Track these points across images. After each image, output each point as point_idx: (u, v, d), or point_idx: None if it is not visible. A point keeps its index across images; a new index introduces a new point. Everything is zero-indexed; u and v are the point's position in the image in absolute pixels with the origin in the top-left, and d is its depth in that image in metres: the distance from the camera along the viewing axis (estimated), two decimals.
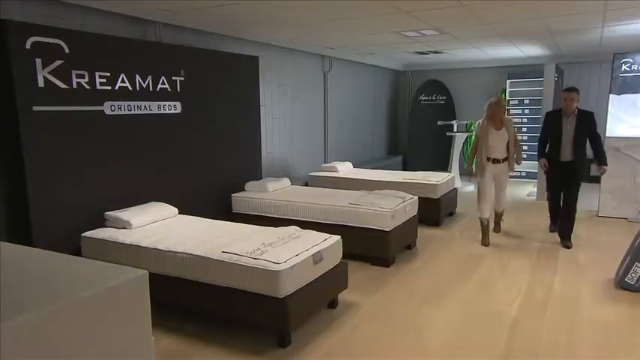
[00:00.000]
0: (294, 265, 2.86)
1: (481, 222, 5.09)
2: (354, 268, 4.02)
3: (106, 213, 3.69)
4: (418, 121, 9.98)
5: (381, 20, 4.90)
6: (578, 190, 4.90)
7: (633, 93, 6.26)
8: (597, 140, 4.85)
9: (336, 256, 3.37)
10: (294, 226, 3.60)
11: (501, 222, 5.47)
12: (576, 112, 4.80)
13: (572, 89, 4.83)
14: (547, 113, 5.24)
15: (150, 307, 1.76)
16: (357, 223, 4.38)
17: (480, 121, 4.97)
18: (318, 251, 3.13)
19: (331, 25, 5.20)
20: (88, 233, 3.56)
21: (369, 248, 4.33)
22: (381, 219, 4.28)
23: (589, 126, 4.79)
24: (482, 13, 4.64)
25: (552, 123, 4.95)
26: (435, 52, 7.85)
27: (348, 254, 3.66)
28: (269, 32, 5.51)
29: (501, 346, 2.95)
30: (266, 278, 2.80)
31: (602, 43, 6.53)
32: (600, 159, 4.83)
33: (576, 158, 4.83)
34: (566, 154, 4.84)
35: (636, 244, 3.88)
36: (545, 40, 6.57)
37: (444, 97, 9.95)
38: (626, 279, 3.81)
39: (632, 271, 3.80)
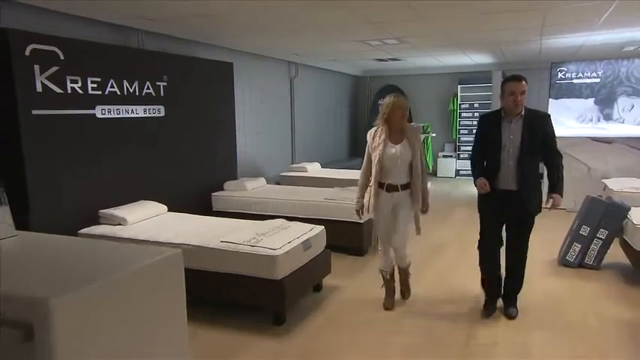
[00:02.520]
0: (288, 251, 3.22)
1: (382, 276, 3.57)
2: (332, 257, 4.40)
3: (101, 211, 3.88)
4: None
5: (348, 30, 5.33)
6: (529, 235, 3.28)
7: (568, 98, 7.07)
8: (556, 160, 3.19)
9: (322, 244, 3.74)
10: (281, 219, 3.94)
11: (409, 280, 3.69)
12: (523, 113, 3.11)
13: (521, 77, 3.10)
14: (481, 117, 3.41)
15: (184, 283, 2.05)
16: (333, 216, 4.77)
17: (373, 129, 3.40)
18: (307, 239, 3.50)
19: (302, 35, 5.58)
20: (84, 230, 3.75)
21: (345, 239, 4.73)
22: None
23: (543, 135, 3.13)
24: (439, 25, 5.18)
25: (488, 131, 3.22)
26: (394, 60, 8.42)
27: (326, 245, 4.04)
28: (241, 40, 5.82)
29: (464, 322, 3.43)
30: (264, 263, 3.13)
31: (542, 53, 7.30)
32: (556, 186, 3.18)
33: (522, 186, 3.13)
34: (508, 178, 3.14)
35: (574, 228, 4.52)
36: (492, 50, 7.27)
37: None
38: (566, 257, 4.44)
39: (571, 250, 4.43)
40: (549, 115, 3.25)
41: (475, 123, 10.35)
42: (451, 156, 10.34)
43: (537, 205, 3.21)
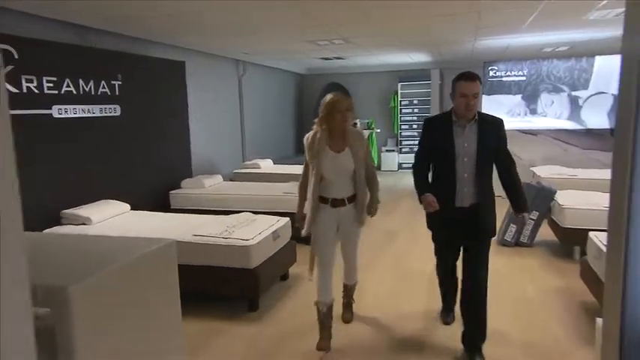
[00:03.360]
0: (260, 242, 3.40)
1: (318, 310, 2.96)
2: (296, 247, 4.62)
3: (63, 211, 3.84)
4: None
5: (299, 31, 5.55)
6: (488, 261, 2.78)
7: (499, 94, 7.73)
8: (511, 169, 2.77)
9: (288, 235, 3.95)
10: (247, 213, 4.10)
11: (353, 302, 3.36)
12: (476, 117, 2.68)
13: (474, 76, 2.65)
14: (427, 120, 2.92)
15: (177, 269, 2.19)
16: (293, 209, 4.95)
17: (310, 134, 2.89)
18: (276, 230, 3.69)
19: (254, 34, 5.72)
20: (47, 231, 3.69)
21: None
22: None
23: (498, 142, 2.72)
24: (385, 26, 5.53)
25: (437, 137, 2.75)
26: (338, 58, 8.74)
27: (291, 236, 4.25)
28: (193, 39, 5.86)
29: (423, 296, 3.79)
30: (238, 253, 3.29)
31: (475, 52, 7.92)
32: (520, 202, 2.79)
33: (481, 202, 2.70)
34: (463, 193, 2.69)
35: (510, 211, 5.04)
36: (431, 49, 7.78)
37: None
38: (505, 237, 4.95)
39: (508, 231, 4.95)
40: (502, 121, 2.78)
41: (415, 119, 11.30)
42: (394, 150, 10.86)
43: (493, 221, 2.78)
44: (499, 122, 2.77)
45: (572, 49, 7.28)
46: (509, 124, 7.71)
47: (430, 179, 2.83)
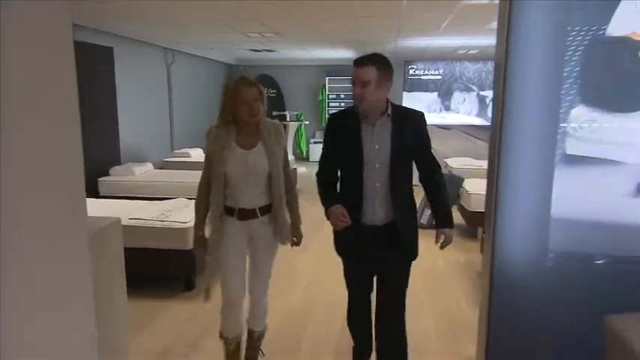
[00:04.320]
0: None
1: (225, 345, 2.46)
2: None
3: None
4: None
5: (232, 22, 5.68)
6: (405, 293, 2.35)
7: (418, 91, 8.37)
8: (434, 176, 2.26)
9: None
10: (182, 198, 4.22)
11: (261, 356, 2.57)
12: (389, 111, 2.14)
13: (368, 60, 2.08)
14: (332, 117, 2.32)
15: (122, 247, 2.32)
16: None
17: (212, 128, 2.31)
18: None
19: (186, 23, 5.76)
20: None
21: None
22: None
23: (417, 141, 2.18)
24: (316, 23, 5.83)
25: (342, 136, 2.18)
26: (268, 50, 8.92)
27: None
28: (122, 25, 5.77)
29: None
30: (175, 235, 3.44)
31: (396, 51, 8.48)
32: (441, 216, 2.31)
33: (398, 218, 2.17)
34: (374, 208, 2.14)
35: (425, 197, 5.59)
36: (356, 47, 8.22)
37: (275, 90, 11.14)
38: (420, 221, 5.49)
39: (423, 215, 5.49)
40: (423, 115, 2.20)
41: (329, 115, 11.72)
42: (321, 142, 11.24)
43: (416, 243, 2.27)
44: (419, 116, 2.17)
45: (482, 52, 8.06)
46: (428, 118, 8.40)
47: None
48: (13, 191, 0.81)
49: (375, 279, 2.31)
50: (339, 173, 2.23)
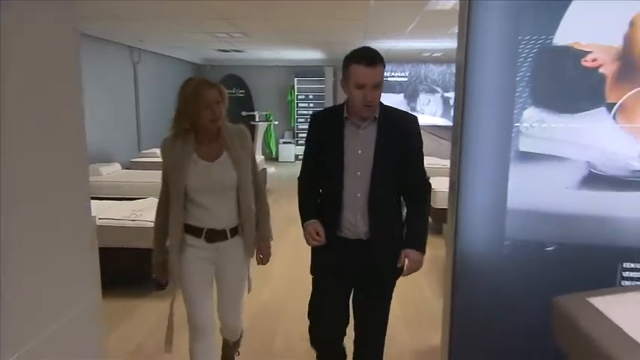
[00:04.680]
0: None
1: None
2: None
3: None
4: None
5: (199, 22, 5.69)
6: (388, 316, 2.06)
7: (385, 92, 8.56)
8: (421, 191, 1.97)
9: None
10: (152, 197, 4.21)
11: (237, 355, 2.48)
12: (376, 114, 1.86)
13: (378, 58, 1.77)
14: (314, 116, 2.01)
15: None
16: None
17: (168, 139, 2.04)
18: None
19: (151, 23, 5.73)
20: None
21: None
22: None
23: (408, 149, 1.89)
24: (282, 24, 5.91)
25: (323, 138, 1.93)
26: (236, 51, 8.93)
27: None
28: (87, 23, 5.68)
29: None
30: (147, 234, 3.43)
31: None
32: (413, 236, 1.94)
33: (377, 233, 1.87)
34: (355, 221, 1.88)
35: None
36: (324, 48, 8.35)
37: (243, 91, 11.15)
38: None
39: None
40: (416, 120, 1.90)
41: (311, 112, 11.74)
42: (290, 142, 11.34)
43: (396, 257, 1.90)
44: (411, 121, 1.88)
45: (445, 55, 8.34)
46: None
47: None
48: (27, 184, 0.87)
49: (352, 309, 2.02)
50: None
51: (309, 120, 2.02)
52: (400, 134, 1.85)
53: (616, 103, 1.56)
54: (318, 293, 2.01)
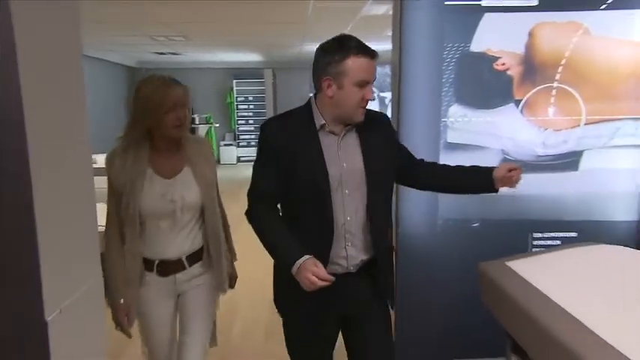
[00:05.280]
0: None
1: None
2: None
3: None
4: None
5: (137, 26, 5.64)
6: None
7: None
8: (434, 163, 1.77)
9: None
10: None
11: None
12: None
13: (374, 52, 1.48)
14: (267, 126, 1.54)
15: None
16: None
17: (117, 149, 1.68)
18: None
19: (87, 26, 5.60)
20: None
21: None
22: None
23: (396, 148, 1.66)
24: (221, 28, 6.00)
25: (291, 153, 1.48)
26: (173, 54, 8.84)
27: None
28: None
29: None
30: None
31: (303, 55, 8.88)
32: (484, 175, 1.57)
33: (380, 254, 1.56)
34: (348, 251, 1.51)
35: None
36: (263, 50, 8.49)
37: None
38: None
39: None
40: (388, 116, 1.69)
41: (252, 114, 12.01)
42: (232, 144, 11.35)
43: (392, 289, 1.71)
44: (383, 118, 1.65)
45: (380, 57, 8.73)
46: None
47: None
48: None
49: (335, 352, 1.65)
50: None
51: (260, 131, 1.55)
52: (380, 135, 1.56)
53: (522, 100, 1.88)
54: (295, 343, 1.63)
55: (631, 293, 1.34)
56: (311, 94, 1.58)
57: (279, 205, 1.57)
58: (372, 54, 1.46)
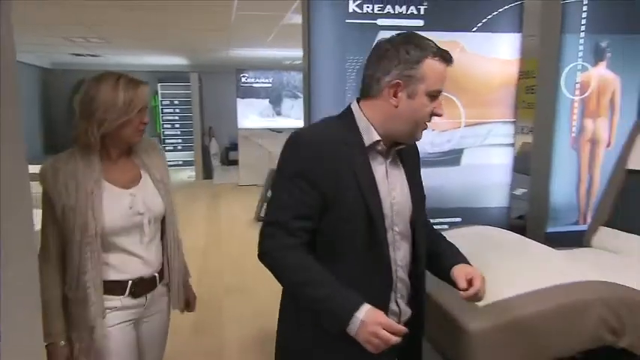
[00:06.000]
0: None
1: None
2: None
3: None
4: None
5: (54, 27, 5.48)
6: None
7: (251, 97, 9.00)
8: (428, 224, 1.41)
9: None
10: None
11: None
12: None
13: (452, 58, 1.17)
14: (303, 141, 1.20)
15: None
16: None
17: (59, 161, 1.42)
18: None
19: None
20: None
21: None
22: None
23: (419, 175, 1.34)
24: (144, 32, 5.97)
25: (338, 179, 1.14)
26: (93, 55, 8.56)
27: None
28: None
29: (197, 265, 4.52)
30: None
31: (229, 60, 8.97)
32: (457, 251, 1.34)
33: (424, 300, 1.31)
34: (396, 298, 1.23)
35: (264, 193, 6.21)
36: (189, 54, 8.47)
37: None
38: (261, 214, 6.09)
39: (263, 208, 6.10)
40: None
41: (177, 118, 11.90)
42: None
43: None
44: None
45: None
46: (260, 123, 9.05)
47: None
48: None
49: None
50: None
51: (291, 145, 1.19)
52: (415, 161, 1.33)
53: None
54: None
55: (501, 256, 1.70)
56: (352, 101, 1.25)
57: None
58: (450, 60, 1.16)
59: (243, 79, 8.89)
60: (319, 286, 1.10)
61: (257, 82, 9.01)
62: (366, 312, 1.04)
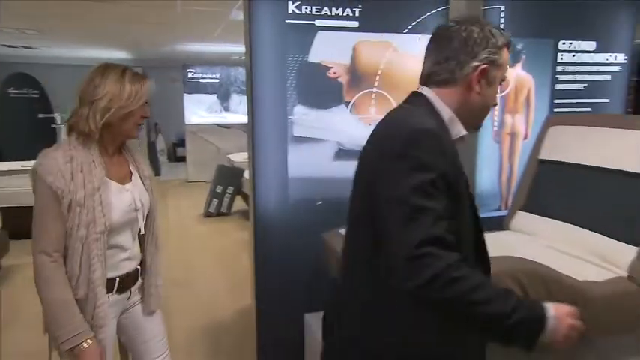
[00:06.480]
0: None
1: None
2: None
3: None
4: (12, 115, 9.75)
5: None
6: None
7: (198, 93, 8.90)
8: None
9: None
10: None
11: None
12: None
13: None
14: (427, 137, 0.98)
15: None
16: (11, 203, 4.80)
17: (59, 154, 1.37)
18: None
19: None
20: None
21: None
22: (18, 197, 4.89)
23: None
24: (85, 24, 5.79)
25: (453, 176, 1.00)
26: (26, 47, 8.14)
27: (3, 227, 4.21)
28: None
29: None
30: None
31: (174, 55, 8.81)
32: None
33: None
34: None
35: (212, 189, 6.21)
36: (132, 48, 8.24)
37: (37, 91, 10.09)
38: (209, 209, 6.10)
39: (211, 204, 6.11)
40: None
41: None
42: None
43: None
44: None
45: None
46: (207, 118, 8.96)
47: None
48: None
49: None
50: None
51: (415, 144, 0.97)
52: None
53: (350, 102, 2.35)
54: None
55: None
56: (424, 90, 1.10)
57: None
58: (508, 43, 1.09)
59: (190, 75, 8.79)
60: (502, 300, 0.90)
61: (204, 78, 8.93)
62: (553, 308, 0.93)
